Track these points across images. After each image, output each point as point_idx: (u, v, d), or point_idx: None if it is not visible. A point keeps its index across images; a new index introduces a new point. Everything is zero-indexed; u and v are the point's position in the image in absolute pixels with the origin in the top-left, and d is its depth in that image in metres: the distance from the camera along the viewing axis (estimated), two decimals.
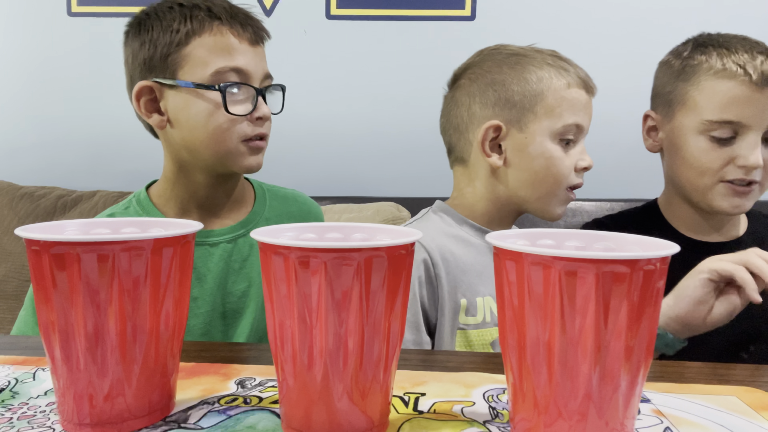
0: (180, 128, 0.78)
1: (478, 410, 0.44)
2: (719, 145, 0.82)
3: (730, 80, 0.81)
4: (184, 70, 0.76)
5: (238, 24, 0.78)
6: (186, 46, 0.76)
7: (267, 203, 0.91)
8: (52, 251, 0.37)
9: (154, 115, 0.79)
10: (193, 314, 0.79)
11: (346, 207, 1.47)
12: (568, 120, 0.79)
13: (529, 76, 0.80)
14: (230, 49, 0.77)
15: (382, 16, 1.70)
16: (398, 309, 0.39)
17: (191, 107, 0.76)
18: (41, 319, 0.39)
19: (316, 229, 0.46)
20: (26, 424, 0.41)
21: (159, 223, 0.47)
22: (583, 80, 0.81)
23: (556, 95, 0.79)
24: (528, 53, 0.82)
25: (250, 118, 0.78)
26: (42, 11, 1.77)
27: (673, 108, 0.88)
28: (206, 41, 0.76)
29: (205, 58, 0.76)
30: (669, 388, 0.49)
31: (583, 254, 0.33)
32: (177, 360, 0.44)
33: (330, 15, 1.72)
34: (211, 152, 0.78)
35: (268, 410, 0.44)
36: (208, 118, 0.76)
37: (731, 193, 0.83)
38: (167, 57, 0.76)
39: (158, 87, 0.78)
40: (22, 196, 1.58)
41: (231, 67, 0.76)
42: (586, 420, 0.35)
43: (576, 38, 1.66)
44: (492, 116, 0.81)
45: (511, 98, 0.80)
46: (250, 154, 0.79)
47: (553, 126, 0.79)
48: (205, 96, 0.76)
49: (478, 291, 0.80)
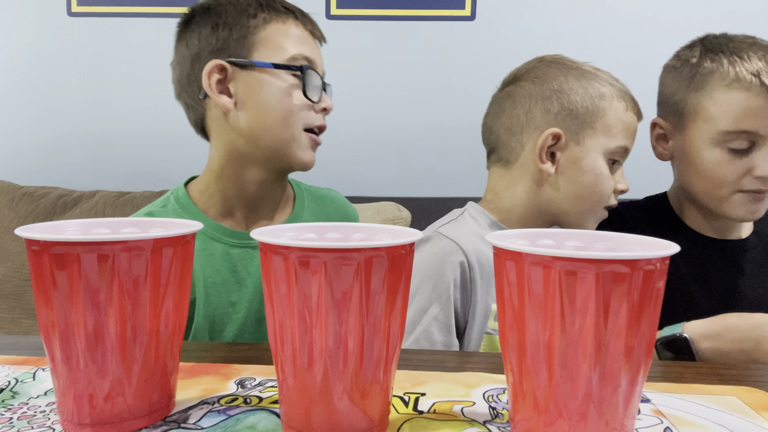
0: (247, 111, 0.76)
1: (478, 410, 0.44)
2: (735, 156, 0.81)
3: (745, 91, 0.79)
4: (260, 53, 0.77)
5: (307, 20, 0.81)
6: (263, 30, 0.77)
7: (305, 204, 0.89)
8: (52, 251, 0.37)
9: (223, 96, 0.77)
10: (230, 320, 0.78)
11: None
12: (621, 142, 0.81)
13: (594, 92, 0.81)
14: (304, 39, 0.79)
15: (382, 16, 1.70)
16: (398, 309, 0.39)
17: (265, 89, 0.76)
18: (41, 319, 0.39)
19: (316, 229, 0.46)
20: (26, 424, 0.41)
21: (159, 223, 0.47)
22: (636, 106, 0.83)
23: (615, 115, 0.80)
24: (591, 69, 0.83)
25: (316, 108, 0.79)
26: (42, 11, 1.77)
27: (685, 118, 0.85)
28: (282, 29, 0.78)
29: (282, 43, 0.77)
30: (669, 388, 0.49)
31: (583, 254, 0.33)
32: (177, 360, 0.44)
33: (330, 15, 1.72)
34: (275, 139, 0.76)
35: (268, 410, 0.44)
36: (281, 100, 0.76)
37: (749, 201, 0.82)
38: (244, 38, 0.77)
39: (231, 67, 0.77)
40: (22, 196, 1.58)
41: (305, 56, 0.78)
42: (586, 420, 0.35)
43: (576, 38, 1.66)
44: (553, 124, 0.81)
45: (574, 110, 0.81)
46: (309, 147, 0.79)
47: (608, 145, 0.80)
48: (282, 77, 0.76)
49: None
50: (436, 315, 0.75)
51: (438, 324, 0.75)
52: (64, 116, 1.79)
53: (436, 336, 0.75)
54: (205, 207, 0.80)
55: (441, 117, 1.72)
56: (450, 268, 0.77)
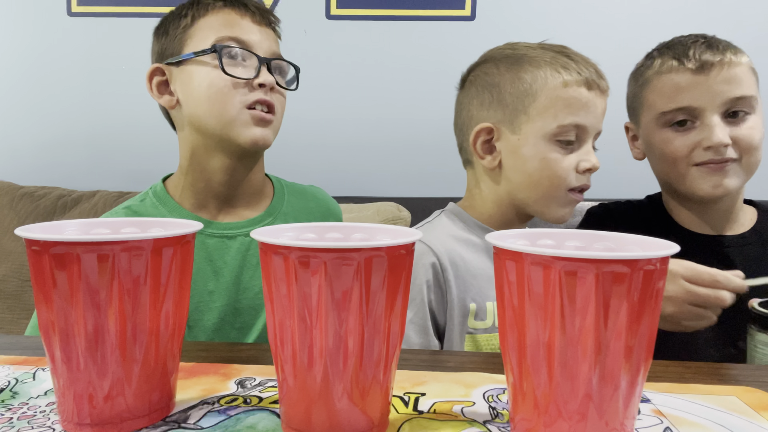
0: (186, 104, 0.80)
1: (478, 410, 0.44)
2: (680, 132, 0.86)
3: (670, 73, 0.87)
4: (188, 47, 0.79)
5: (241, 5, 0.81)
6: (192, 27, 0.80)
7: (285, 198, 0.91)
8: (52, 251, 0.37)
9: (165, 95, 0.82)
10: (208, 308, 0.79)
11: (346, 207, 1.47)
12: (563, 120, 0.76)
13: (525, 76, 0.78)
14: (232, 23, 0.79)
15: (382, 16, 1.70)
16: (398, 309, 0.39)
17: (194, 78, 0.78)
18: (41, 319, 0.39)
19: (316, 229, 0.46)
20: (26, 424, 0.41)
21: (159, 223, 0.47)
22: (586, 78, 0.77)
23: (550, 95, 0.77)
24: (528, 52, 0.81)
25: (251, 84, 0.78)
26: (42, 11, 1.77)
27: (638, 113, 0.93)
28: (210, 20, 0.79)
29: (207, 33, 0.78)
30: (669, 388, 0.49)
31: (583, 254, 0.33)
32: (177, 360, 0.44)
33: (330, 15, 1.72)
34: (215, 123, 0.77)
35: (268, 410, 0.44)
36: (210, 85, 0.77)
37: (707, 173, 0.85)
38: (177, 39, 0.80)
39: (168, 68, 0.81)
40: (22, 196, 1.58)
41: (231, 36, 0.78)
42: (586, 420, 0.35)
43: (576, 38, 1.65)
44: (486, 118, 0.81)
45: (503, 99, 0.80)
46: (254, 124, 0.78)
47: (547, 127, 0.77)
48: (205, 62, 0.77)
49: (488, 295, 0.79)
50: (411, 318, 0.76)
51: (414, 326, 0.75)
52: (64, 116, 1.79)
53: (413, 338, 0.75)
54: (180, 200, 0.83)
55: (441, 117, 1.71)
56: (422, 271, 0.77)
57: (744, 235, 0.91)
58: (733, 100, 0.83)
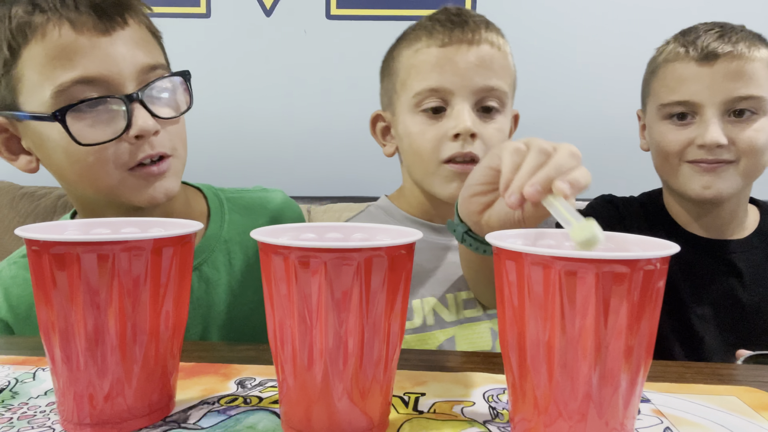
0: (50, 167, 0.63)
1: (478, 410, 0.44)
2: (677, 127, 0.81)
3: (675, 61, 0.81)
4: (23, 97, 0.58)
5: (71, 9, 0.56)
6: (15, 67, 0.57)
7: (226, 219, 0.74)
8: (52, 251, 0.37)
9: (21, 156, 0.63)
10: None
11: (346, 207, 1.47)
12: (416, 87, 0.72)
13: (394, 54, 0.78)
14: (69, 51, 0.56)
15: (382, 16, 1.70)
16: (398, 309, 0.39)
17: (45, 143, 0.59)
18: (41, 319, 0.39)
19: (316, 229, 0.46)
20: (26, 424, 0.41)
21: (159, 223, 0.47)
22: (441, 35, 0.72)
23: (405, 66, 0.75)
24: (407, 30, 0.80)
25: (126, 140, 0.58)
26: None
27: (646, 102, 0.89)
28: (36, 50, 0.56)
29: (41, 74, 0.56)
30: (669, 388, 0.49)
31: (583, 254, 0.33)
32: (177, 360, 0.44)
33: (330, 15, 1.72)
34: (94, 192, 0.61)
35: (268, 410, 0.44)
36: (66, 155, 0.58)
37: (698, 172, 0.80)
38: (1, 81, 0.59)
39: (9, 122, 0.61)
40: (22, 195, 1.58)
41: (75, 79, 0.56)
42: (586, 420, 0.35)
43: (576, 38, 1.66)
44: (382, 104, 0.81)
45: (385, 84, 0.80)
46: (144, 186, 0.61)
47: (407, 99, 0.74)
48: (52, 129, 0.57)
49: (414, 293, 0.76)
50: None
51: None
52: None
53: None
54: None
55: None
56: None
57: (748, 239, 0.86)
58: (738, 98, 0.77)
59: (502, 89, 0.74)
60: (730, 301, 0.83)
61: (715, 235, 0.86)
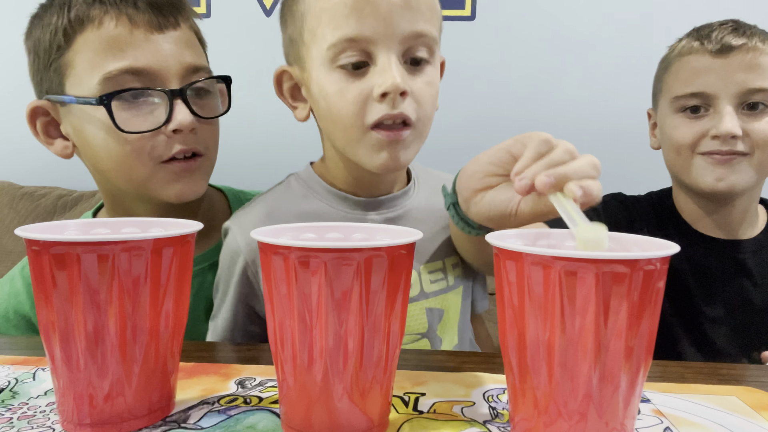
0: (85, 155, 0.64)
1: (478, 410, 0.44)
2: (691, 119, 0.81)
3: (689, 55, 0.81)
4: (69, 81, 0.61)
5: (130, 5, 0.60)
6: (68, 51, 0.60)
7: None
8: (52, 251, 0.37)
9: (57, 140, 0.64)
10: None
11: None
12: (330, 38, 0.59)
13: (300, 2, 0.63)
14: (121, 42, 0.59)
15: None
16: (398, 309, 0.39)
17: (86, 128, 0.61)
18: (41, 319, 0.39)
19: (316, 229, 0.46)
20: (26, 424, 0.41)
21: (159, 223, 0.47)
22: None
23: (314, 10, 0.61)
24: None
25: (164, 132, 0.61)
26: None
27: (658, 99, 0.88)
28: (90, 39, 0.59)
29: (91, 61, 0.59)
30: (669, 388, 0.49)
31: (583, 254, 0.33)
32: (177, 360, 0.44)
33: None
34: (125, 183, 0.63)
35: (268, 410, 0.44)
36: (105, 142, 0.60)
37: (711, 164, 0.79)
38: (50, 67, 0.61)
39: (52, 106, 0.63)
40: (22, 196, 1.58)
41: (123, 69, 0.59)
42: (586, 420, 0.35)
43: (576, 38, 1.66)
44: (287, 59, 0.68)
45: (289, 32, 0.66)
46: (174, 180, 0.63)
47: (321, 52, 0.61)
48: (95, 113, 0.60)
49: None
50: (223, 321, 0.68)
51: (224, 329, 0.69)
52: None
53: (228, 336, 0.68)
54: None
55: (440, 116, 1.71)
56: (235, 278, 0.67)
57: (758, 238, 0.85)
58: (752, 90, 0.77)
59: (432, 35, 0.62)
60: (742, 302, 0.83)
61: (726, 235, 0.85)
